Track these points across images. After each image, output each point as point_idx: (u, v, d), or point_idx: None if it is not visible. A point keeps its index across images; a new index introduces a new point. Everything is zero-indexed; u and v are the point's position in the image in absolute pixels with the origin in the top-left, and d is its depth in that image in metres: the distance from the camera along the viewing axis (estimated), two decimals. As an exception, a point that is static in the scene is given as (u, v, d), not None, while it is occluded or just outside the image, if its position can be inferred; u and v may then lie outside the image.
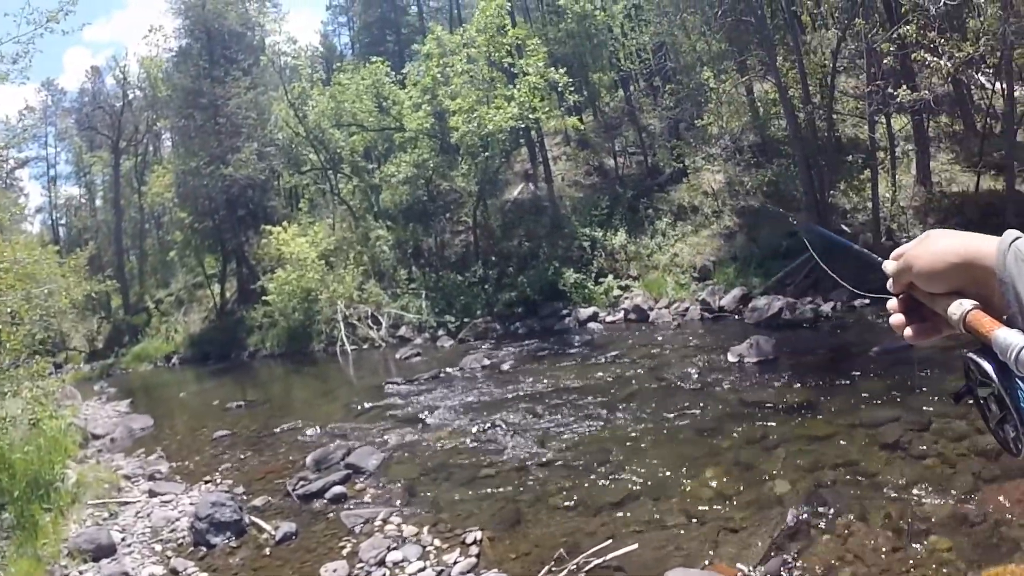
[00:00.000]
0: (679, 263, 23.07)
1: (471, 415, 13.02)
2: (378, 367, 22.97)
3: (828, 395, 10.38)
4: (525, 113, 25.61)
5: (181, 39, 39.42)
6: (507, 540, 7.50)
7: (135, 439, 16.51)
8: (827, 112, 20.54)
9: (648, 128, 30.29)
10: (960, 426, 8.21)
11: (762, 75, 23.43)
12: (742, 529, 6.77)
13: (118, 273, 45.64)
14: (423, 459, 10.91)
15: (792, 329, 16.28)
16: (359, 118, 33.31)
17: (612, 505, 7.85)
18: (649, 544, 6.75)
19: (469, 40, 28.00)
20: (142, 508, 10.44)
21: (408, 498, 9.26)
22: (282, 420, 15.33)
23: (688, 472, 8.39)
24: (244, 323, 34.00)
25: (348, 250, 31.86)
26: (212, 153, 34.84)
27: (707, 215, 24.40)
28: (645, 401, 11.98)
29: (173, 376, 32.51)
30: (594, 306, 22.91)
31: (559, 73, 26.10)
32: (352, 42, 60.43)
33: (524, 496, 8.63)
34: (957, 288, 0.97)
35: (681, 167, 26.60)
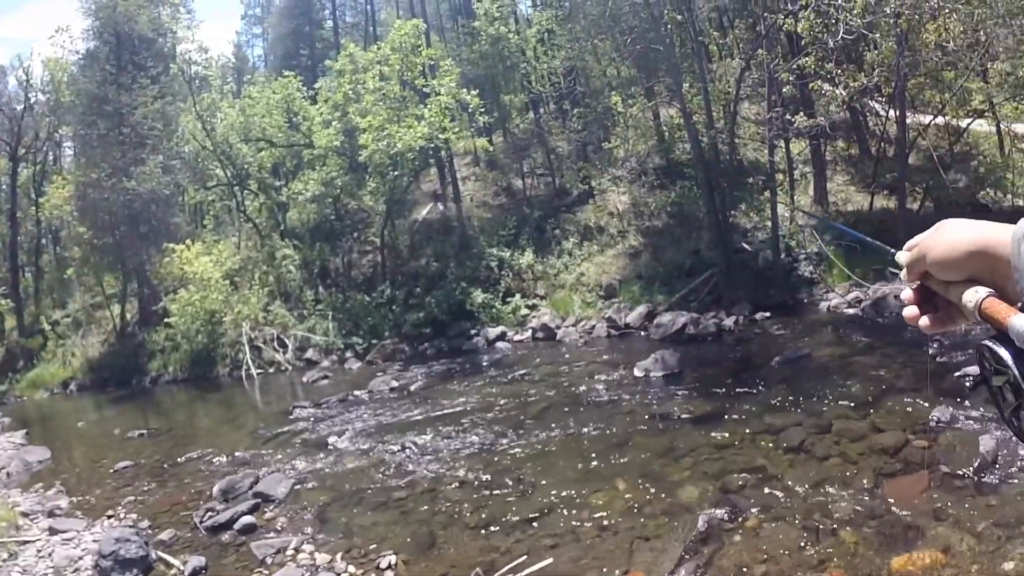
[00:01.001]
0: (585, 282, 23.40)
1: (381, 438, 12.92)
2: (285, 391, 22.65)
3: (733, 404, 10.62)
4: (435, 133, 25.64)
5: (89, 41, 37.95)
6: (422, 563, 7.48)
7: (32, 473, 15.83)
8: (729, 136, 21.24)
9: (556, 150, 30.66)
10: (860, 427, 8.59)
11: (668, 100, 24.03)
12: (655, 537, 6.90)
13: (12, 292, 43.68)
14: (334, 484, 10.80)
15: (696, 343, 16.67)
16: (268, 133, 32.85)
17: (526, 522, 7.89)
18: (564, 558, 6.82)
19: (383, 58, 27.94)
20: (43, 547, 10.02)
21: (320, 525, 9.15)
22: (187, 449, 14.94)
23: (599, 485, 8.49)
24: (145, 346, 32.84)
25: (254, 270, 31.28)
26: (115, 164, 33.49)
27: (613, 235, 24.85)
28: (554, 418, 12.07)
29: (71, 404, 31.23)
30: (502, 325, 23.01)
31: (471, 94, 26.28)
32: (265, 54, 59.94)
33: (437, 517, 8.62)
34: (971, 276, 0.96)
35: (588, 188, 27.09)
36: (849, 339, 14.40)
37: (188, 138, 34.28)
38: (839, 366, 11.78)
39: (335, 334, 26.44)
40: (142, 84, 34.41)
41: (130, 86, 34.28)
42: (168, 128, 34.67)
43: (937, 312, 1.04)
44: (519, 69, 30.93)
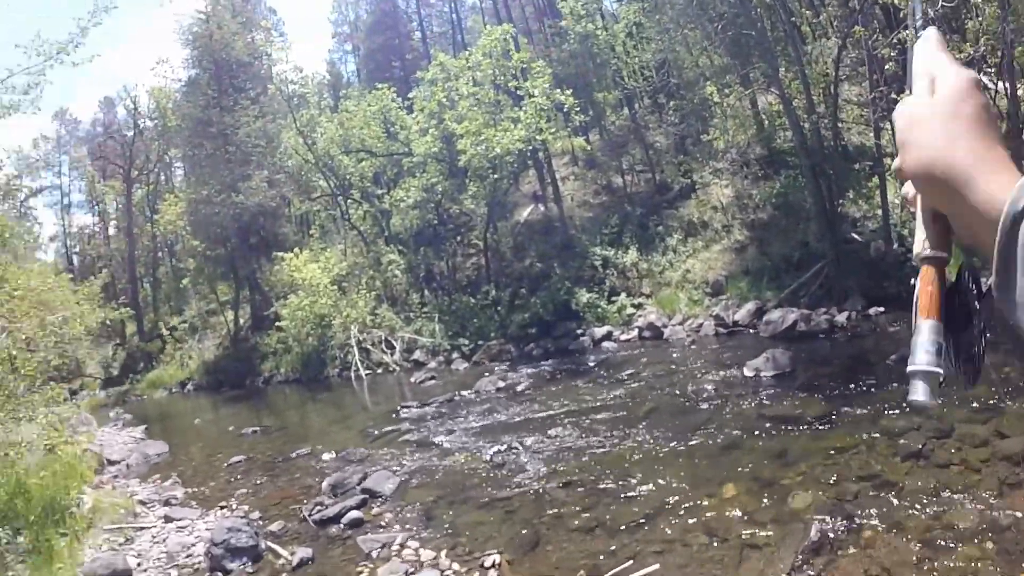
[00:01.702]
0: (691, 279, 23.03)
1: (487, 437, 13.01)
2: (393, 391, 22.94)
3: (847, 406, 10.30)
4: (532, 135, 25.74)
5: (190, 69, 39.70)
6: (526, 563, 7.49)
7: (150, 465, 16.68)
8: (832, 121, 20.59)
9: (655, 145, 30.33)
10: (983, 432, 8.18)
11: (765, 87, 23.42)
12: (765, 546, 6.73)
13: (132, 300, 46.04)
14: (440, 482, 10.92)
15: (807, 341, 16.22)
16: (367, 144, 33.49)
17: (632, 525, 7.80)
18: (671, 564, 6.72)
19: (474, 64, 28.20)
20: (158, 533, 10.56)
21: (425, 522, 9.27)
22: (297, 445, 15.41)
23: (708, 489, 8.33)
24: (258, 349, 34.10)
25: (360, 275, 31.95)
26: (223, 181, 34.99)
27: (717, 230, 24.34)
28: (662, 419, 11.94)
29: (188, 402, 32.61)
30: (608, 325, 22.85)
31: (564, 94, 26.22)
32: (358, 69, 60.87)
33: (543, 518, 8.60)
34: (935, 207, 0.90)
35: (689, 183, 26.67)
36: (970, 337, 13.71)
37: (291, 153, 35.29)
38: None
39: (442, 336, 26.75)
40: (243, 105, 35.77)
41: (232, 108, 35.64)
42: (271, 145, 35.86)
43: None
44: (610, 65, 30.72)
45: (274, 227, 37.59)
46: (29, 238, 25.66)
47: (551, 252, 27.62)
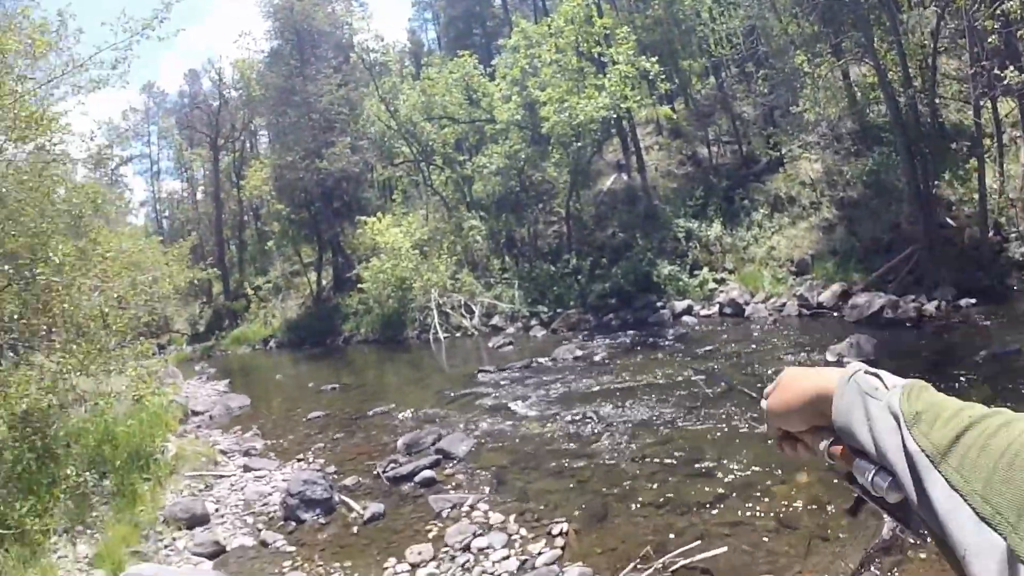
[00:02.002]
0: (776, 256, 22.49)
1: (562, 406, 13.04)
2: (470, 355, 23.19)
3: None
4: (616, 102, 25.38)
5: (272, 40, 40.60)
6: (593, 534, 7.48)
7: (232, 417, 17.32)
8: (929, 96, 19.70)
9: (742, 116, 29.69)
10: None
11: (859, 58, 22.60)
12: (835, 538, 6.60)
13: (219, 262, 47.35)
14: (513, 448, 11.01)
15: (894, 328, 15.68)
16: (449, 111, 33.59)
17: (701, 505, 7.75)
18: (738, 548, 6.63)
19: (557, 31, 27.89)
20: (236, 482, 10.99)
21: (496, 486, 9.36)
22: (375, 404, 15.71)
23: (781, 475, 8.17)
24: (339, 310, 34.77)
25: (442, 240, 32.16)
26: (307, 148, 35.69)
27: (805, 206, 23.64)
28: (740, 399, 11.53)
29: (270, 359, 33.50)
30: (688, 299, 22.53)
31: (649, 61, 25.74)
32: (439, 37, 61.03)
33: (613, 490, 8.59)
34: (813, 424, 1.05)
35: (777, 156, 25.96)
36: (1069, 335, 12.97)
37: (373, 120, 35.83)
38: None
39: (521, 302, 26.83)
40: (325, 74, 36.53)
41: (314, 77, 36.35)
42: (353, 112, 36.56)
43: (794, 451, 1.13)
44: (696, 32, 30.03)
45: (357, 192, 38.23)
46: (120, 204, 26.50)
47: (633, 222, 27.32)
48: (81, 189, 13.10)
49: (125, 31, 11.05)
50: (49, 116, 9.93)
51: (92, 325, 10.16)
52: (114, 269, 11.36)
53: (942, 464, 0.78)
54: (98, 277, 10.70)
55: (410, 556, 7.37)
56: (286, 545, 8.33)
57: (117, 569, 7.32)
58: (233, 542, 8.58)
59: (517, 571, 6.86)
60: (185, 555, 8.22)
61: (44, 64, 10.52)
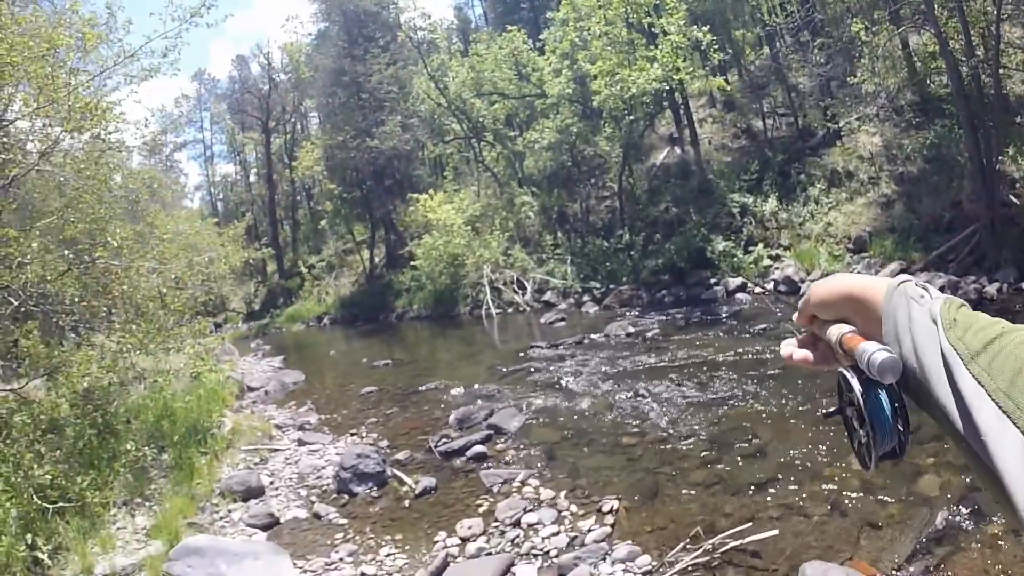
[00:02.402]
0: (833, 233, 22.00)
1: (614, 383, 13.00)
2: (522, 331, 23.26)
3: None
4: (668, 74, 25.11)
5: (319, 23, 41.29)
6: (643, 512, 7.44)
7: (287, 392, 17.58)
8: (993, 66, 19.05)
9: (798, 87, 29.05)
10: None
11: (918, 25, 21.94)
12: (887, 526, 6.45)
13: (273, 241, 48.43)
14: (564, 424, 11.01)
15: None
16: (499, 87, 33.62)
17: (753, 486, 7.65)
18: (789, 531, 6.55)
19: (606, 2, 27.56)
20: (291, 455, 11.21)
21: (547, 462, 9.38)
22: (427, 379, 15.86)
23: (833, 459, 8.03)
24: (392, 286, 35.15)
25: (494, 216, 32.27)
26: (357, 127, 36.07)
27: (863, 181, 22.99)
28: (793, 380, 11.48)
29: (324, 335, 34.05)
30: (743, 276, 22.12)
31: (701, 31, 25.35)
32: (486, 13, 60.90)
33: (663, 469, 8.54)
34: (843, 317, 1.07)
35: (834, 129, 25.30)
36: None
37: (423, 97, 36.07)
38: None
39: (573, 278, 26.84)
40: (374, 54, 36.96)
41: (363, 57, 36.81)
42: (403, 90, 36.89)
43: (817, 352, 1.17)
44: (749, 1, 29.63)
45: (408, 170, 38.47)
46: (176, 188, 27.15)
47: (687, 197, 27.07)
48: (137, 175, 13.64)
49: (174, 20, 11.30)
50: (103, 106, 10.18)
51: (151, 305, 10.50)
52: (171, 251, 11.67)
53: (971, 364, 0.83)
54: (156, 259, 10.99)
55: (460, 530, 7.42)
56: (339, 518, 8.45)
57: (174, 540, 7.47)
58: (287, 514, 8.74)
59: (567, 547, 6.85)
60: (240, 526, 8.38)
61: (96, 56, 10.86)
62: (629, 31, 27.49)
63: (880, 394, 0.94)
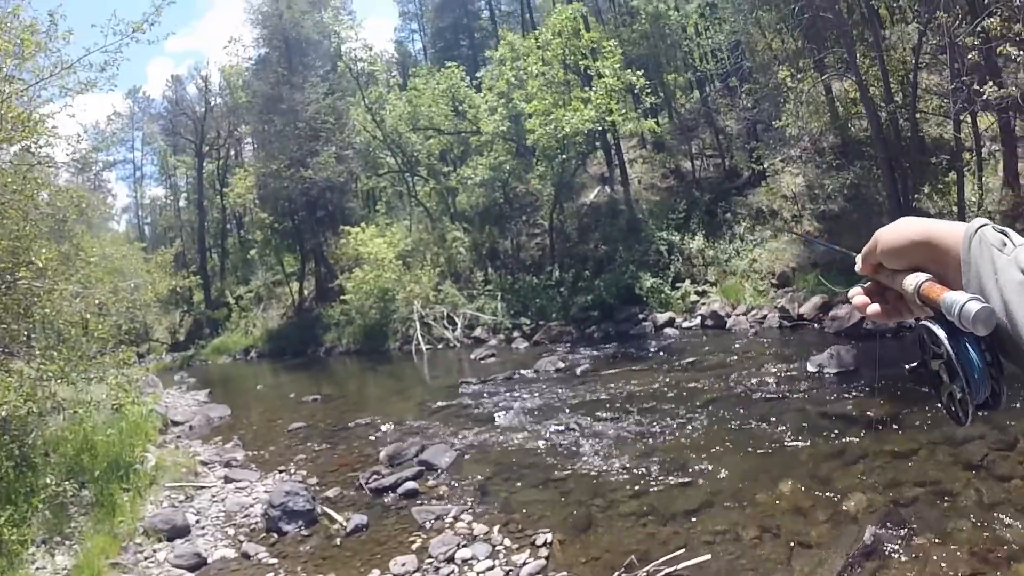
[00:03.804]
0: (758, 269, 22.66)
1: (545, 417, 13.02)
2: (452, 367, 23.16)
3: (910, 410, 10.04)
4: (602, 116, 25.60)
5: (260, 48, 40.89)
6: (577, 544, 7.49)
7: (213, 427, 17.10)
8: (910, 111, 19.90)
9: (725, 130, 29.93)
10: (1048, 446, 8.00)
11: (841, 73, 22.85)
12: (817, 545, 6.65)
13: (200, 270, 47.69)
14: (496, 459, 10.97)
15: (874, 340, 15.82)
16: (435, 122, 33.67)
17: (685, 514, 7.78)
18: (721, 556, 6.68)
19: (544, 43, 28.08)
20: (217, 493, 10.85)
21: (480, 497, 9.34)
22: (357, 415, 15.65)
23: (763, 484, 8.25)
24: (321, 320, 34.74)
25: (425, 251, 32.25)
26: (292, 156, 35.78)
27: (786, 219, 23.88)
28: (721, 410, 11.82)
29: (251, 369, 33.44)
30: (671, 311, 22.67)
31: (635, 75, 25.94)
32: (425, 48, 61.37)
33: (596, 500, 8.59)
34: (917, 265, 1.04)
35: (759, 170, 26.15)
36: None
37: (359, 129, 35.93)
38: (1023, 378, 10.98)
39: (503, 314, 26.88)
40: (312, 83, 36.82)
41: (301, 85, 36.56)
42: (339, 121, 36.75)
43: (887, 304, 1.14)
44: (681, 47, 30.47)
45: (341, 202, 38.44)
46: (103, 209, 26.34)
47: (616, 235, 27.46)
48: (65, 193, 12.98)
49: (115, 33, 11.02)
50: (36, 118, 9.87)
51: (73, 331, 10.06)
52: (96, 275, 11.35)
53: None
54: (80, 283, 10.64)
55: (394, 568, 7.35)
56: (268, 557, 8.26)
57: (97, 581, 7.19)
58: (214, 554, 8.49)
59: (502, 582, 6.85)
60: (165, 567, 8.13)
61: (32, 65, 10.47)
62: (565, 72, 28.00)
63: (968, 344, 0.92)
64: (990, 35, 16.49)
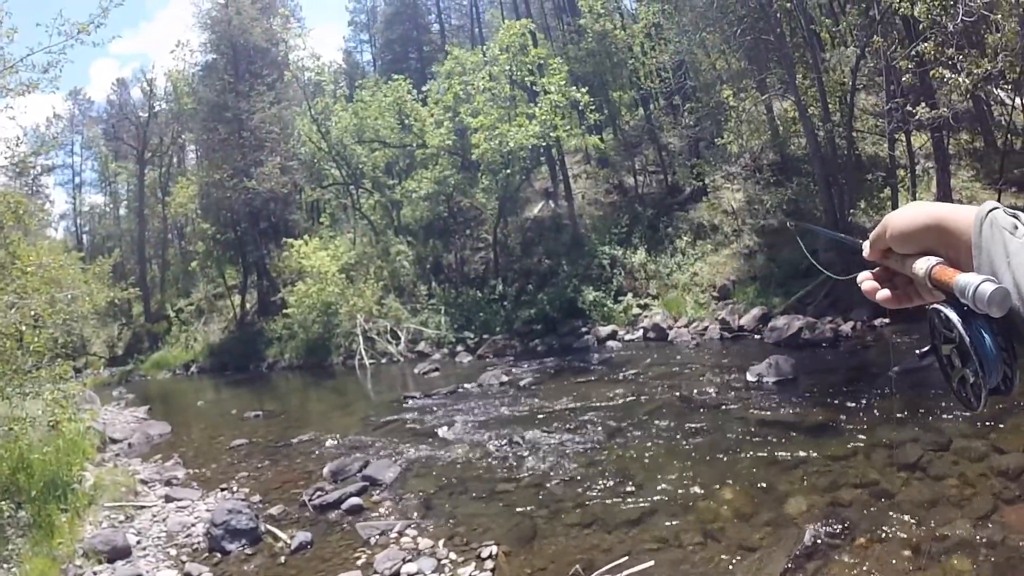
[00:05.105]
0: (699, 282, 23.03)
1: (489, 430, 13.01)
2: (396, 381, 22.98)
3: (847, 415, 10.28)
4: (546, 131, 25.78)
5: (207, 53, 40.33)
6: (522, 555, 7.50)
7: (152, 445, 16.72)
8: (847, 130, 20.46)
9: (668, 146, 30.35)
10: (980, 446, 8.17)
11: (782, 93, 23.42)
12: (759, 548, 6.75)
13: (140, 281, 46.58)
14: (440, 473, 10.92)
15: (812, 349, 16.16)
16: (381, 134, 33.63)
17: (628, 522, 7.84)
18: (665, 562, 6.73)
19: (491, 59, 28.26)
20: (158, 512, 10.58)
21: (424, 511, 9.28)
22: (300, 431, 15.41)
23: (705, 491, 8.37)
24: (263, 335, 34.16)
25: (368, 264, 32.06)
26: (236, 166, 35.32)
27: (727, 234, 24.35)
28: (663, 419, 11.91)
29: (191, 384, 32.79)
30: (613, 324, 22.84)
31: (580, 92, 26.22)
32: (374, 59, 61.15)
33: (540, 512, 8.62)
34: (927, 249, 1.04)
35: (701, 186, 26.67)
36: (976, 347, 13.49)
37: (304, 140, 35.61)
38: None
39: (447, 328, 26.83)
40: (259, 91, 36.24)
41: (247, 93, 36.03)
42: (285, 131, 36.34)
43: (896, 290, 1.16)
44: (627, 65, 30.72)
45: (284, 213, 37.93)
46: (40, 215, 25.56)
47: (560, 249, 27.66)
48: (2, 198, 12.67)
49: (60, 34, 10.80)
50: (-28, 120, 9.64)
51: (7, 344, 9.81)
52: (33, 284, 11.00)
53: None
54: (16, 293, 10.36)
55: (340, 584, 7.28)
56: (211, 577, 8.15)
57: (36, 606, 6.97)
58: (156, 575, 8.34)
59: (449, 596, 6.83)
60: (107, 590, 7.96)
61: None
62: (512, 88, 28.18)
63: (981, 328, 0.92)
64: (924, 59, 17.08)
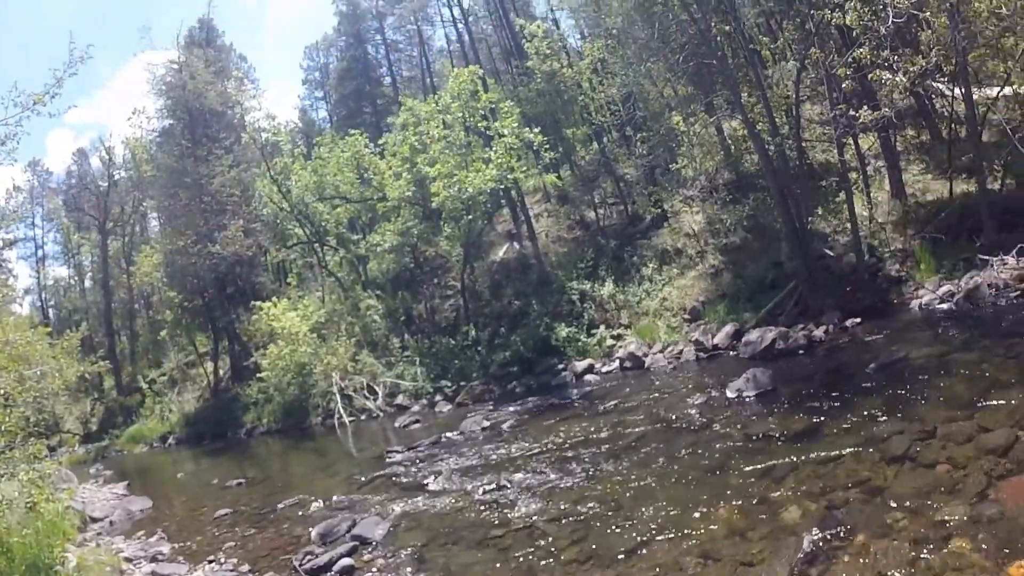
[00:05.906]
0: (669, 307, 23.16)
1: (475, 477, 13.01)
2: (377, 437, 22.84)
3: (831, 417, 10.41)
4: (504, 174, 26.05)
5: (163, 119, 40.23)
6: None
7: (134, 521, 16.56)
8: (796, 141, 20.88)
9: (625, 177, 30.68)
10: (966, 428, 8.33)
11: (730, 113, 23.90)
12: (759, 562, 6.83)
13: (110, 354, 45.95)
14: (430, 525, 10.90)
15: (788, 358, 16.28)
16: (342, 190, 33.67)
17: (627, 553, 7.88)
18: (666, 586, 6.68)
19: (444, 107, 28.57)
20: None
21: (418, 565, 9.28)
22: (284, 496, 15.34)
23: (699, 512, 8.43)
24: (239, 400, 33.85)
25: (339, 321, 31.88)
26: (199, 232, 35.17)
27: (691, 256, 24.58)
28: (648, 446, 12.00)
29: (169, 456, 32.41)
30: (589, 358, 22.82)
31: (534, 132, 26.60)
32: (330, 115, 61.28)
33: (536, 553, 8.63)
34: None
35: (661, 212, 26.98)
36: (945, 336, 13.70)
37: (265, 201, 35.47)
38: (938, 366, 11.43)
39: (423, 379, 26.68)
40: (217, 155, 36.16)
41: (206, 157, 35.95)
42: (246, 194, 36.28)
43: None
44: (577, 102, 31.12)
45: (251, 276, 37.81)
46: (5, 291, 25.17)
47: (528, 289, 27.77)
48: None
49: (16, 105, 10.71)
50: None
51: None
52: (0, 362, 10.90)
53: None
54: None
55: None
56: (208, 651, 8.05)
57: None
58: None
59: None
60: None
61: None
62: (466, 134, 28.43)
63: None
64: (862, 64, 17.55)
